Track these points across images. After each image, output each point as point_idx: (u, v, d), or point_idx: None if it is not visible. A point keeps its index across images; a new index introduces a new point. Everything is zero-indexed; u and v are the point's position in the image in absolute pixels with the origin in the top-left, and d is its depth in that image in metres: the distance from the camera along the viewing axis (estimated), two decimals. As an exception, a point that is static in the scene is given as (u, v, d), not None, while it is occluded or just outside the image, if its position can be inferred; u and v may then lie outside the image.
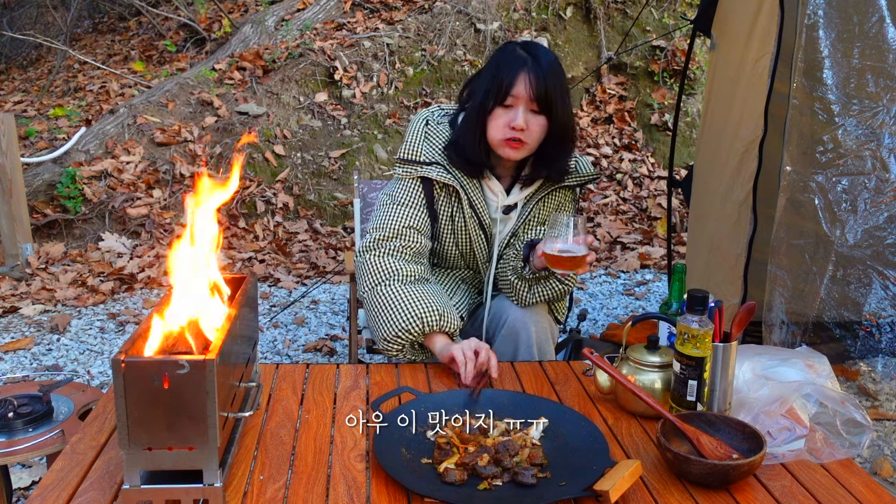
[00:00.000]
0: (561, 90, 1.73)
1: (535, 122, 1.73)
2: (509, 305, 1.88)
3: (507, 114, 1.72)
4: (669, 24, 5.96)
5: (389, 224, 1.80)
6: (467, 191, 1.83)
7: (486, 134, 1.76)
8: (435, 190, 1.84)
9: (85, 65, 6.40)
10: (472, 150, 1.78)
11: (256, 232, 4.59)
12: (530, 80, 1.69)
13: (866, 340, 2.39)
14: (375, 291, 1.73)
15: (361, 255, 1.81)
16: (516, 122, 1.70)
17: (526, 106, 1.71)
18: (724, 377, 1.40)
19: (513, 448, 1.26)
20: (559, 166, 1.83)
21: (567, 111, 1.77)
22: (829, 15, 2.20)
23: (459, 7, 5.68)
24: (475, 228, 1.87)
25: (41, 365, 3.08)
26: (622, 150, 5.57)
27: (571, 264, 1.57)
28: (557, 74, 1.73)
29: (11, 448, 1.60)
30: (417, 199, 1.83)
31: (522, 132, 1.71)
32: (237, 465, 1.26)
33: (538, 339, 1.85)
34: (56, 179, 4.42)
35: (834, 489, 1.24)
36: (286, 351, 3.26)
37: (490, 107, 1.74)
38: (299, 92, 5.20)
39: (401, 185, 1.85)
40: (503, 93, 1.71)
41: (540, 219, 1.92)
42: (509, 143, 1.73)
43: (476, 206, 1.85)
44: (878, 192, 2.24)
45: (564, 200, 1.95)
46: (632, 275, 4.26)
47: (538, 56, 1.72)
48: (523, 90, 1.69)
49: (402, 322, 1.67)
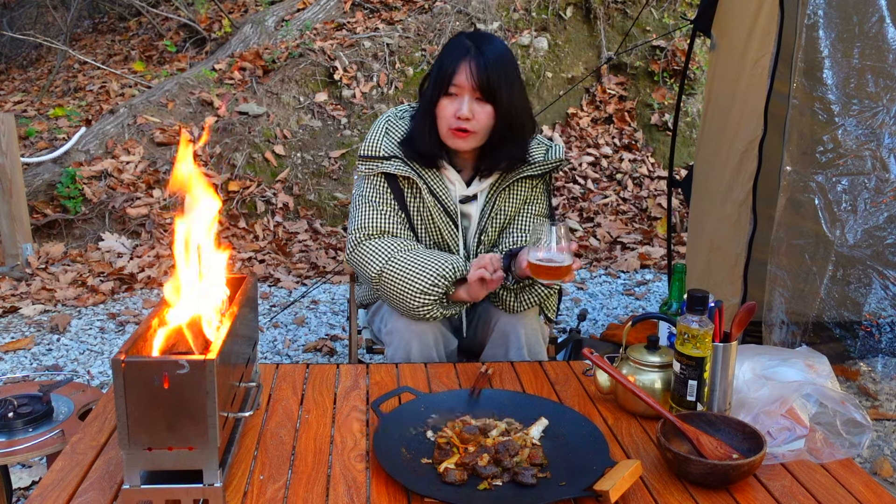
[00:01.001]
0: (507, 78, 1.73)
1: (482, 111, 1.73)
2: (497, 310, 1.88)
3: (452, 103, 1.73)
4: (669, 24, 5.96)
5: (371, 223, 1.82)
6: (426, 180, 1.83)
7: (435, 125, 1.78)
8: (399, 184, 1.85)
9: (85, 65, 6.40)
10: (422, 143, 1.80)
11: (256, 232, 4.59)
12: (472, 68, 1.70)
13: (866, 340, 2.39)
14: (389, 266, 1.73)
15: (354, 250, 1.83)
16: (461, 111, 1.71)
17: (470, 95, 1.72)
18: (724, 377, 1.40)
19: (513, 448, 1.26)
20: (512, 154, 1.82)
21: (515, 99, 1.76)
22: (829, 15, 2.20)
23: (459, 7, 5.68)
24: (441, 217, 1.84)
25: (41, 365, 3.08)
26: (622, 150, 5.57)
27: (556, 274, 1.55)
28: (504, 62, 1.74)
29: (11, 448, 1.60)
30: (387, 196, 1.84)
31: (468, 121, 1.72)
32: (237, 465, 1.26)
33: (528, 341, 1.84)
34: (56, 179, 4.42)
35: (834, 489, 1.24)
36: (286, 351, 3.26)
37: (437, 97, 1.75)
38: (299, 92, 5.20)
39: (367, 183, 1.86)
40: (446, 82, 1.73)
41: (507, 212, 1.89)
42: (456, 133, 1.75)
43: (437, 193, 1.84)
44: (878, 192, 2.24)
45: (533, 192, 1.91)
46: (632, 275, 4.26)
47: (482, 45, 1.73)
48: (465, 79, 1.71)
49: (435, 272, 1.69)
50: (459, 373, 1.66)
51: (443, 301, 1.74)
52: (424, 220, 1.86)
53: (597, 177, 5.38)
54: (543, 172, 1.89)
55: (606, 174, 5.42)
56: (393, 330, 1.82)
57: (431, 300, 1.70)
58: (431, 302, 1.71)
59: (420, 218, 1.86)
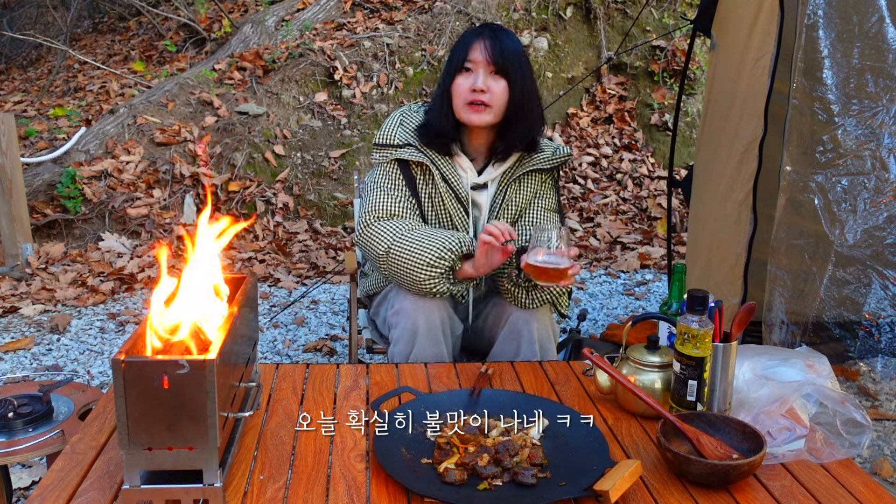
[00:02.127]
0: (519, 57, 1.82)
1: (497, 85, 1.80)
2: (510, 304, 1.89)
3: (468, 79, 1.81)
4: (669, 24, 5.96)
5: (381, 206, 1.87)
6: (438, 166, 1.88)
7: (451, 105, 1.84)
8: (412, 171, 1.90)
9: (85, 65, 6.40)
10: (439, 123, 1.86)
11: (256, 232, 4.59)
12: (486, 45, 1.79)
13: (866, 340, 2.39)
14: (397, 243, 1.78)
15: (363, 231, 1.86)
16: (477, 83, 1.79)
17: (485, 69, 1.80)
18: (724, 377, 1.40)
19: (513, 448, 1.26)
20: (525, 136, 1.88)
21: (528, 78, 1.84)
22: (829, 15, 2.20)
23: (459, 7, 5.68)
24: (452, 203, 1.89)
25: (41, 365, 3.08)
26: (622, 150, 5.57)
27: (554, 276, 1.58)
28: (514, 43, 1.84)
29: (11, 448, 1.59)
30: (399, 182, 1.90)
31: (484, 94, 1.79)
32: (237, 465, 1.26)
33: (540, 337, 1.85)
34: (56, 179, 4.42)
35: (834, 489, 1.24)
36: (286, 351, 3.26)
37: (452, 76, 1.83)
38: (299, 92, 5.20)
39: (381, 171, 1.93)
40: (462, 59, 1.82)
41: (518, 203, 1.93)
42: (472, 107, 1.81)
43: (449, 179, 1.89)
44: (878, 192, 2.24)
45: (542, 187, 1.97)
46: (632, 275, 4.26)
47: (494, 28, 1.85)
48: (480, 55, 1.79)
49: (441, 246, 1.73)
50: (459, 373, 1.66)
51: (449, 276, 1.77)
52: (436, 207, 1.90)
53: (597, 177, 5.38)
54: (552, 167, 1.95)
55: (606, 174, 5.42)
56: (400, 309, 1.84)
57: (438, 273, 1.74)
58: (438, 275, 1.74)
59: (432, 204, 1.91)
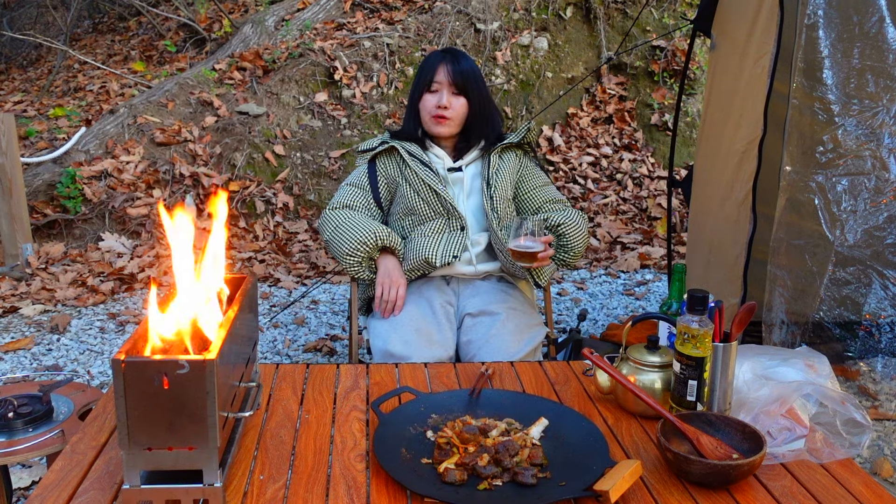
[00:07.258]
0: (475, 78, 2.17)
1: (457, 102, 2.16)
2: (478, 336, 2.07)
3: (433, 97, 2.16)
4: (669, 24, 5.96)
5: (339, 198, 2.21)
6: (410, 151, 2.18)
7: (419, 117, 2.21)
8: (378, 165, 2.22)
9: (85, 65, 6.40)
10: (410, 131, 2.23)
11: (256, 232, 4.59)
12: (448, 68, 2.15)
13: (866, 340, 2.39)
14: (338, 229, 2.09)
15: (322, 217, 2.19)
16: (441, 101, 2.14)
17: (448, 89, 2.15)
18: (724, 377, 1.40)
19: (513, 448, 1.26)
20: (487, 133, 2.22)
21: (483, 92, 2.20)
22: (829, 15, 2.19)
23: (459, 7, 5.68)
24: (432, 179, 2.14)
25: (41, 365, 3.08)
26: (622, 150, 5.57)
27: (529, 258, 1.92)
28: (472, 67, 2.19)
29: (11, 448, 1.60)
30: (363, 180, 2.23)
31: (446, 109, 2.14)
32: (237, 465, 1.26)
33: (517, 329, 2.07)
34: (56, 179, 4.42)
35: (834, 489, 1.24)
36: (286, 351, 3.26)
37: (419, 95, 2.18)
38: (299, 92, 5.20)
39: (354, 172, 2.29)
40: (428, 80, 2.16)
41: (507, 169, 2.22)
42: (436, 119, 2.16)
43: (413, 152, 2.18)
44: (878, 192, 2.24)
45: (521, 162, 2.28)
46: (632, 275, 4.26)
47: (454, 53, 2.20)
48: (443, 76, 2.15)
49: (360, 236, 2.04)
50: (459, 373, 1.66)
51: (370, 266, 2.10)
52: (410, 179, 2.17)
53: (597, 177, 5.38)
54: (519, 139, 2.26)
55: (606, 174, 5.42)
56: (373, 329, 2.11)
57: (355, 261, 2.06)
58: (356, 263, 2.06)
59: (405, 180, 2.18)
